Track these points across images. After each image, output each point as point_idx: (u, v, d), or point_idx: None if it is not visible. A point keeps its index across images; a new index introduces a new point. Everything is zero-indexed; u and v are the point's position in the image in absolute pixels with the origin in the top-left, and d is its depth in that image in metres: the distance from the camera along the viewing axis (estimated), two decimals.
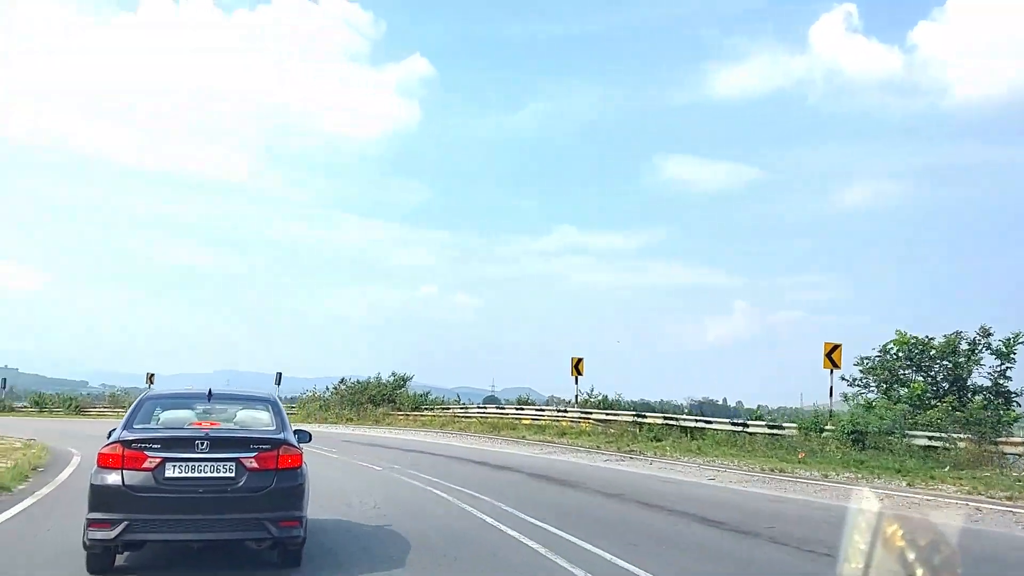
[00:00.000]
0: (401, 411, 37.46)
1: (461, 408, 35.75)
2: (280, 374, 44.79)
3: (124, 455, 6.36)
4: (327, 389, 41.93)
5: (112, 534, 6.23)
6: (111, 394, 54.84)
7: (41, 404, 48.47)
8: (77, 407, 47.61)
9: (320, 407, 40.74)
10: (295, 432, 7.48)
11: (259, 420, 7.42)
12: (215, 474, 6.43)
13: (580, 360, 28.79)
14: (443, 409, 36.53)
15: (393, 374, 39.59)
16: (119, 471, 6.34)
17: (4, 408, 47.83)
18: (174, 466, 6.37)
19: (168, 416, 7.38)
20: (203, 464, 6.42)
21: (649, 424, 25.23)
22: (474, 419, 32.70)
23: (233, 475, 6.44)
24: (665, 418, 25.50)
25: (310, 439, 7.96)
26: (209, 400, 7.63)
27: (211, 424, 7.27)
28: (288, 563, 6.86)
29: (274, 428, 7.17)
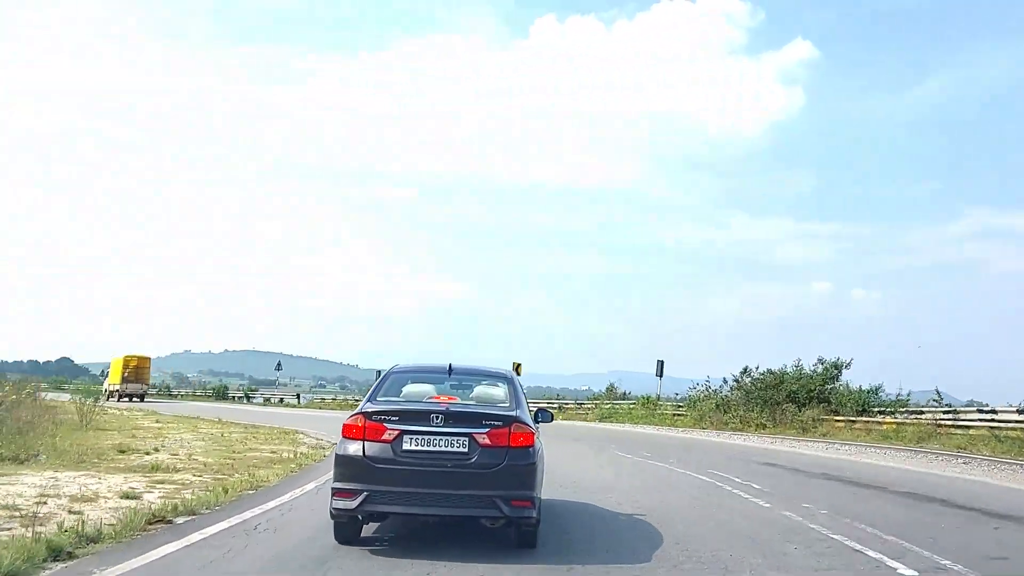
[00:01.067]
0: (839, 415, 25.42)
1: (948, 412, 22.49)
2: (661, 362, 35.83)
3: (366, 427, 6.38)
4: (724, 383, 31.06)
5: (353, 504, 6.23)
6: None
7: None
8: None
9: (716, 407, 30.16)
10: (537, 412, 7.76)
11: (494, 396, 7.32)
12: (449, 448, 6.31)
13: None
14: (910, 414, 23.55)
15: (821, 361, 27.47)
16: (360, 442, 6.35)
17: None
18: (411, 439, 6.33)
19: (411, 389, 7.30)
20: (438, 438, 6.33)
21: None
22: (981, 430, 19.76)
23: (466, 450, 6.31)
24: None
25: (552, 419, 8.13)
26: (449, 375, 7.68)
27: (448, 399, 7.14)
28: (524, 544, 6.62)
29: (508, 405, 7.02)
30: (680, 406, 33.87)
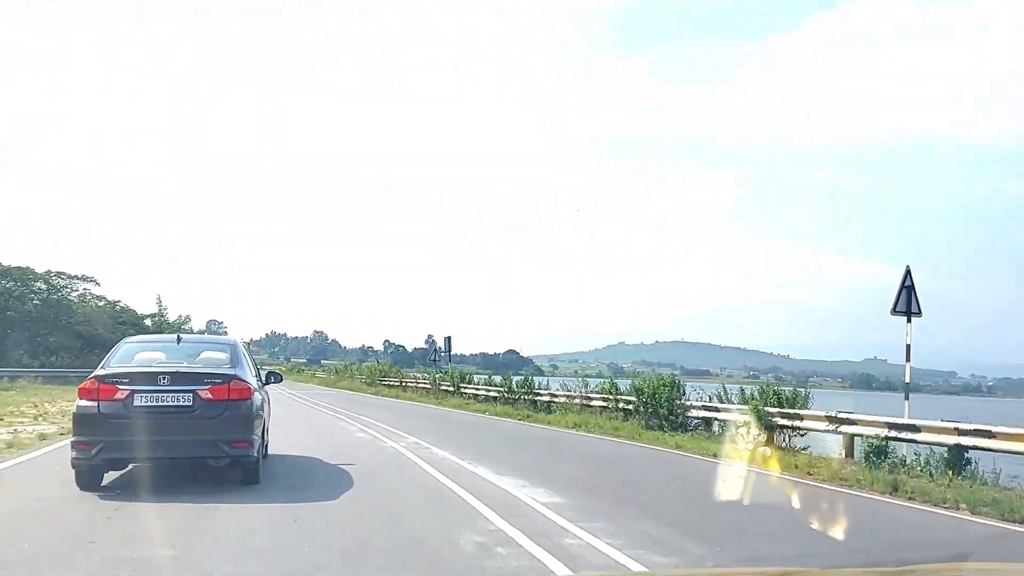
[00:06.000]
0: None
1: None
2: None
3: (99, 388, 7.79)
4: None
5: (90, 454, 7.63)
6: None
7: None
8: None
9: None
10: (268, 374, 10.58)
11: (218, 359, 8.83)
12: (175, 403, 7.81)
13: None
14: None
15: None
16: (95, 401, 7.75)
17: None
18: (141, 396, 7.74)
19: (142, 356, 8.76)
20: (165, 395, 7.81)
21: None
22: None
23: (191, 404, 7.84)
24: None
25: (280, 380, 11.05)
26: (179, 343, 9.47)
27: (177, 363, 8.51)
28: (247, 480, 8.35)
29: (229, 366, 8.57)
30: None
